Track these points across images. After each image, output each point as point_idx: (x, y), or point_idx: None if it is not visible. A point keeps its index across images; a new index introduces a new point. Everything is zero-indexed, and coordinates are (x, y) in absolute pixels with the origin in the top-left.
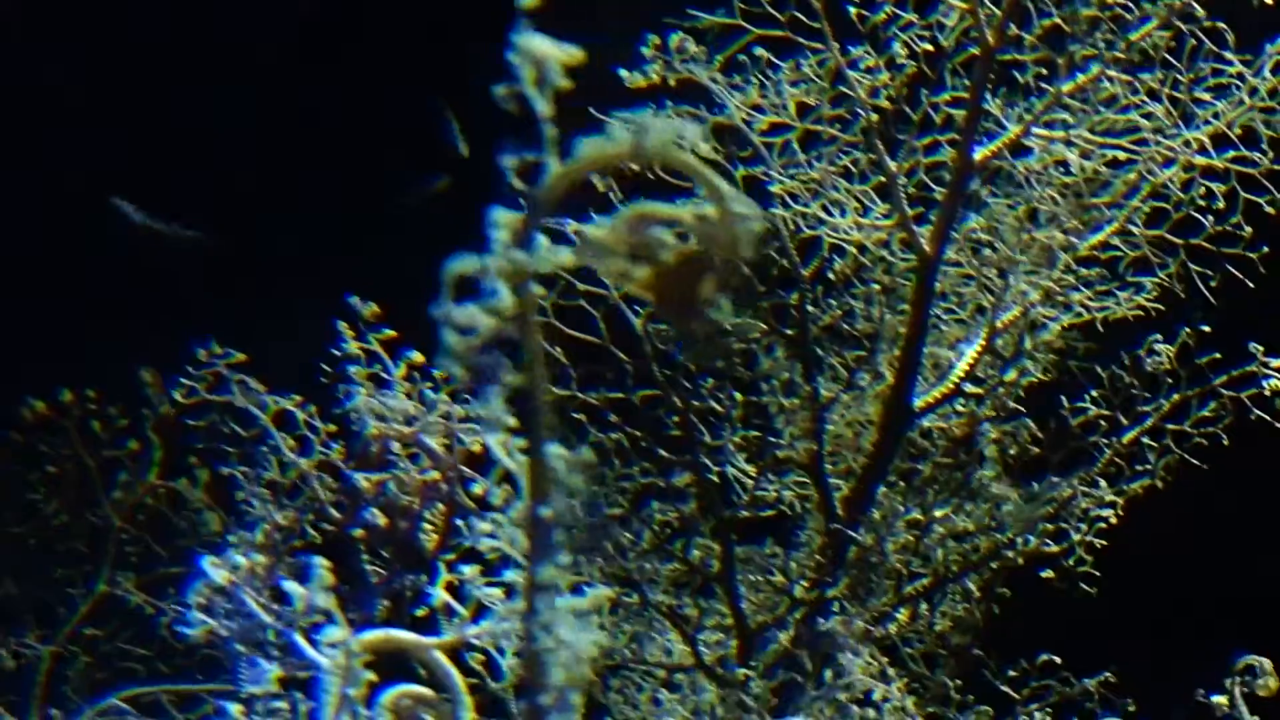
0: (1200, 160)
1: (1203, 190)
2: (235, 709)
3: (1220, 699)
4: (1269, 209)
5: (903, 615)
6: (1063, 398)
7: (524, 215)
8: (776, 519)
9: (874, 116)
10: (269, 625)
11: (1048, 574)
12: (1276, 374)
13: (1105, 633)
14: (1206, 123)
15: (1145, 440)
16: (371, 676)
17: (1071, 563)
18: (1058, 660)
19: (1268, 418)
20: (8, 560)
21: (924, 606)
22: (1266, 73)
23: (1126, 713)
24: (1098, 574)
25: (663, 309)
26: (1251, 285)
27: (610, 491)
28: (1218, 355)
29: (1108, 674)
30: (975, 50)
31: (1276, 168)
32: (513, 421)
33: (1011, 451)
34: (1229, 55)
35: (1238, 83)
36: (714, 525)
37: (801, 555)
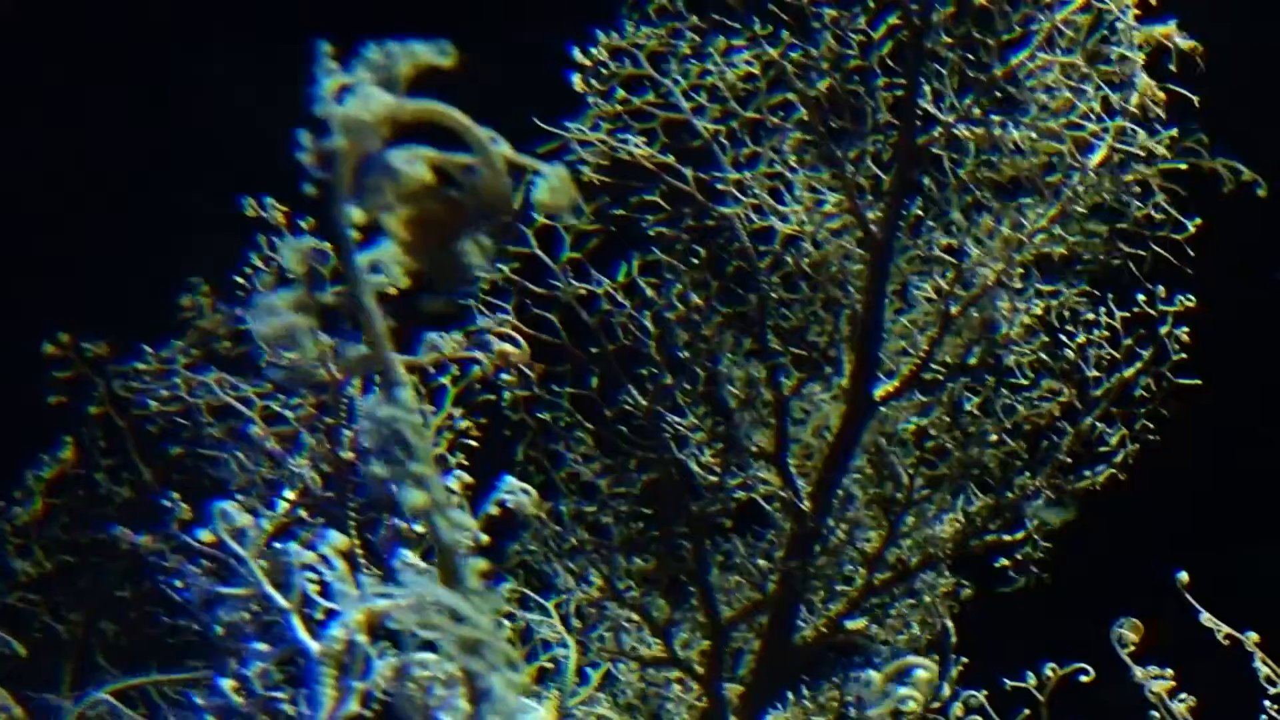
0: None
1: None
2: (227, 684)
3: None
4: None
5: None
6: (1003, 388)
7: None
8: (745, 513)
9: (813, 91)
10: (266, 592)
11: (1003, 562)
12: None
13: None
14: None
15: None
16: (375, 658)
17: (1028, 551)
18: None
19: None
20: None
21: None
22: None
23: None
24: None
25: (417, 250)
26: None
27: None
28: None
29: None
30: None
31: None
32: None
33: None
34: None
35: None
36: (687, 521)
37: (768, 547)
